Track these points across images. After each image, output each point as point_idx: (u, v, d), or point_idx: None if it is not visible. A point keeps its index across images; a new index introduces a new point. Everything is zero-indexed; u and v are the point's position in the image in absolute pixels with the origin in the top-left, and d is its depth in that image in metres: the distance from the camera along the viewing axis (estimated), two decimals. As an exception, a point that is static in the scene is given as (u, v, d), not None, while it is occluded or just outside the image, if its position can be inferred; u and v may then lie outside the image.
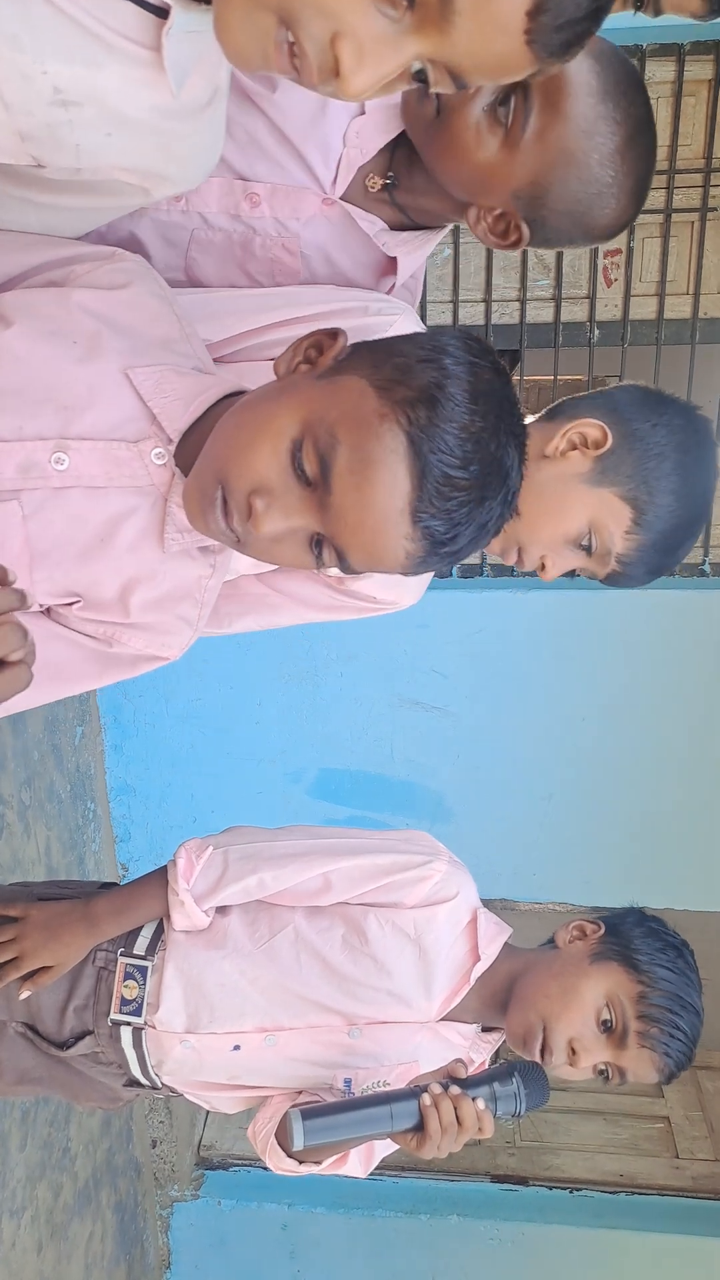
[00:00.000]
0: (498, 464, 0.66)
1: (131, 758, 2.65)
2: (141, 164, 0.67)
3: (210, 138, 0.70)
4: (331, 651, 2.55)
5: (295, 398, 0.68)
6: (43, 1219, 2.25)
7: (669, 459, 0.92)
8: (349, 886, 1.02)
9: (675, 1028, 0.98)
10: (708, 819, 2.53)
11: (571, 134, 0.81)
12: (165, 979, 1.03)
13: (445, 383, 0.64)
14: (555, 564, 0.97)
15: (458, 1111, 0.88)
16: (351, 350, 0.69)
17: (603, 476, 0.93)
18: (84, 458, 0.72)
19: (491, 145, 0.83)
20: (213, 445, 0.70)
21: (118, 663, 0.78)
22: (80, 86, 0.61)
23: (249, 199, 0.92)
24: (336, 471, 0.64)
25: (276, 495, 0.66)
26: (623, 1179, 3.03)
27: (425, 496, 0.64)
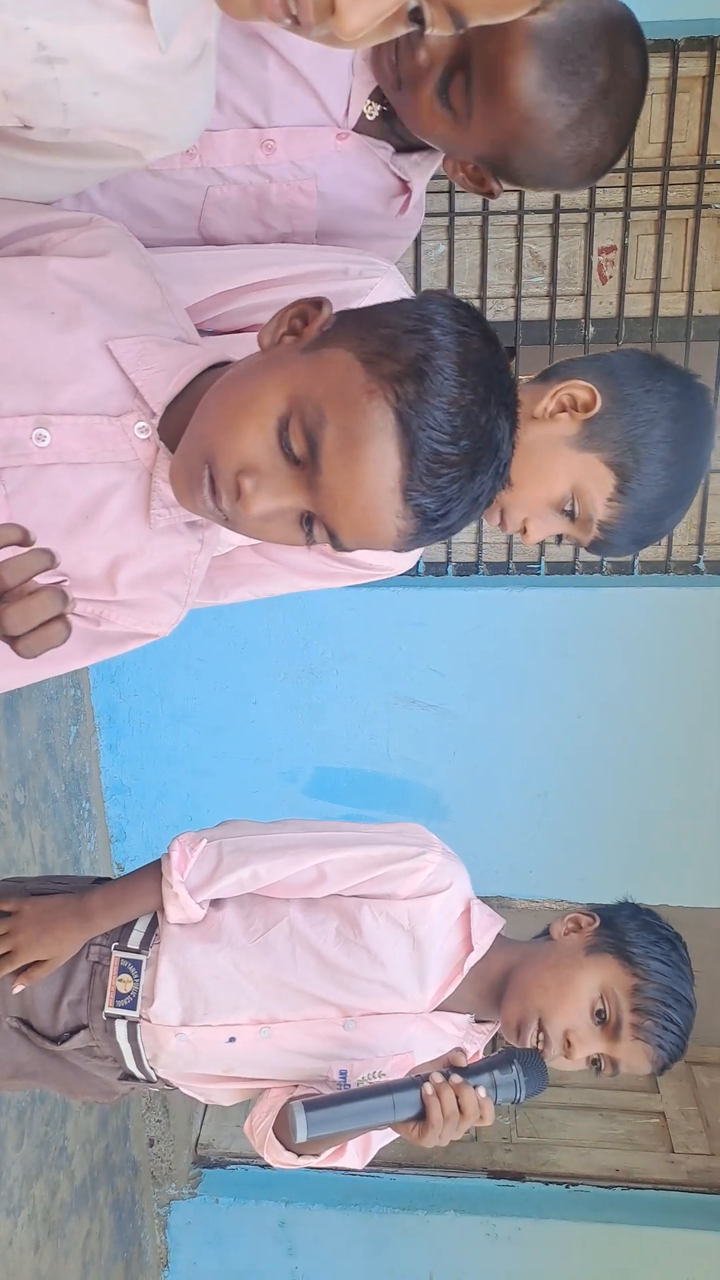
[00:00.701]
0: (489, 437, 0.64)
1: (127, 757, 2.65)
2: (130, 124, 0.66)
3: (200, 96, 0.69)
4: (328, 650, 2.55)
5: (281, 373, 0.66)
6: (40, 1217, 2.25)
7: (659, 426, 0.89)
8: (343, 878, 1.02)
9: (669, 1020, 0.98)
10: (703, 816, 2.53)
11: (516, 120, 0.80)
12: (160, 972, 1.03)
13: (433, 355, 0.62)
14: (537, 527, 0.94)
15: (459, 1100, 0.89)
16: (337, 320, 0.67)
17: (589, 441, 0.90)
18: (65, 433, 0.70)
19: (445, 122, 0.83)
20: (198, 423, 0.68)
21: (106, 641, 0.77)
22: (65, 42, 0.59)
23: (264, 147, 0.90)
24: (325, 450, 0.63)
25: (265, 475, 0.65)
26: (619, 1174, 3.04)
27: (416, 474, 0.62)
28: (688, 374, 0.94)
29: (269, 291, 0.92)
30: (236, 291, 0.92)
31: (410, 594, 2.51)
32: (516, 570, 2.52)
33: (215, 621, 2.53)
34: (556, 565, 2.52)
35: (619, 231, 2.32)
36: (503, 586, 2.48)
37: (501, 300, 2.40)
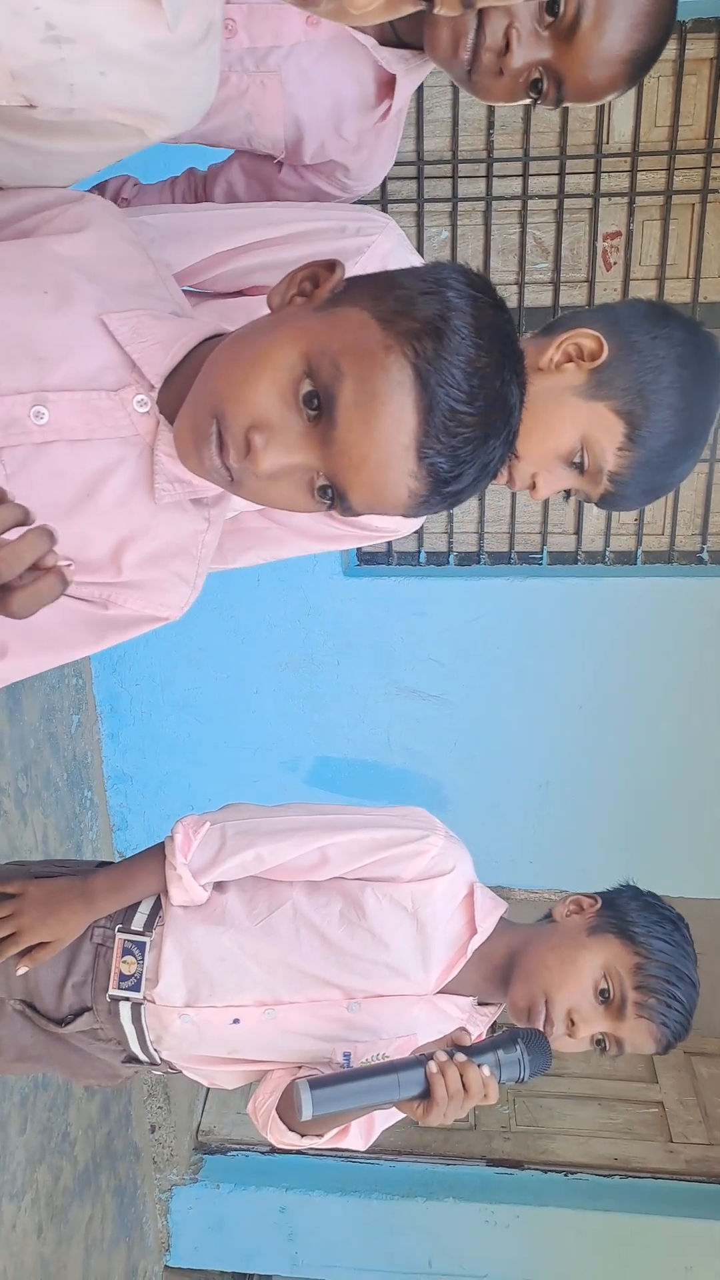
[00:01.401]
0: (502, 401, 0.64)
1: (128, 746, 2.65)
2: (136, 103, 0.65)
3: (205, 75, 0.68)
4: (329, 640, 2.55)
5: (294, 329, 0.65)
6: (43, 1202, 2.26)
7: (668, 373, 0.88)
8: (346, 861, 1.02)
9: (672, 998, 0.98)
10: (703, 806, 2.53)
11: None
12: (164, 954, 1.03)
13: (450, 315, 0.62)
14: (547, 482, 0.92)
15: (464, 1078, 0.89)
16: (349, 283, 0.67)
17: (597, 389, 0.88)
18: (63, 410, 0.69)
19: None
20: (206, 379, 0.66)
21: (115, 625, 0.75)
22: (73, 22, 0.59)
23: (224, 27, 0.84)
24: (341, 405, 0.61)
25: (276, 430, 0.63)
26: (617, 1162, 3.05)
27: (432, 432, 0.61)
28: (693, 321, 0.92)
29: (266, 251, 0.89)
30: (233, 252, 0.89)
31: (411, 583, 2.50)
32: (518, 560, 2.51)
33: (216, 611, 2.53)
34: (559, 555, 2.51)
35: (624, 217, 2.30)
36: (504, 576, 2.48)
37: (505, 287, 2.38)
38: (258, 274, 0.91)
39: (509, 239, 2.36)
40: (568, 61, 0.82)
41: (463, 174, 2.30)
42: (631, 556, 2.49)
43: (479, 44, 0.81)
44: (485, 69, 0.83)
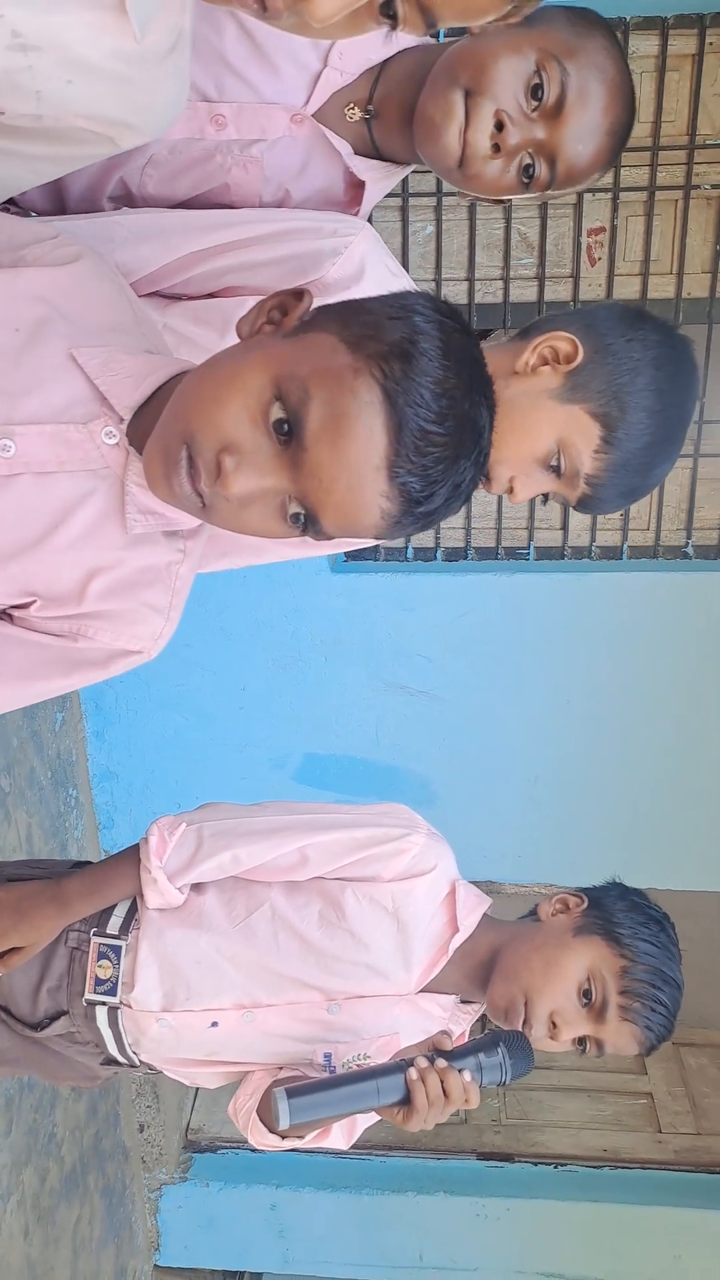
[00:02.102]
0: (471, 422, 0.64)
1: (114, 744, 2.63)
2: (104, 112, 0.65)
3: (175, 86, 0.68)
4: (316, 636, 2.54)
5: (263, 354, 0.65)
6: (29, 1204, 2.25)
7: (643, 375, 0.88)
8: (326, 861, 1.01)
9: (657, 1001, 0.98)
10: (692, 800, 2.55)
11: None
12: (140, 958, 1.02)
13: (417, 338, 0.63)
14: (524, 485, 0.92)
15: (444, 1084, 0.88)
16: (317, 311, 0.68)
17: (573, 393, 0.89)
18: (31, 442, 0.69)
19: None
20: (176, 404, 0.67)
21: (87, 663, 0.75)
22: (40, 30, 0.59)
23: (214, 121, 0.89)
24: (310, 428, 0.62)
25: (247, 453, 0.63)
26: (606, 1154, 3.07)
27: (403, 452, 0.62)
28: (668, 324, 0.93)
29: (241, 252, 0.90)
30: (206, 252, 0.90)
31: (399, 579, 2.50)
32: (505, 555, 2.52)
33: (203, 608, 2.51)
34: (545, 550, 2.52)
35: (608, 213, 2.30)
36: (491, 571, 2.48)
37: (490, 282, 2.38)
38: (231, 275, 0.91)
39: (493, 234, 2.35)
40: (557, 139, 0.86)
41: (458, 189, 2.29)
42: (617, 552, 2.50)
43: (469, 128, 0.85)
44: (479, 152, 0.86)
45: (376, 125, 0.91)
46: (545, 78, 0.84)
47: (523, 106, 0.85)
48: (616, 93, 0.87)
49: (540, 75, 0.84)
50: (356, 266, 0.90)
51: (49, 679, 0.75)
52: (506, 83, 0.84)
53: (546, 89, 0.84)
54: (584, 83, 0.85)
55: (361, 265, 0.90)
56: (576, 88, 0.84)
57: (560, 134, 0.86)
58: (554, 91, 0.84)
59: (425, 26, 0.55)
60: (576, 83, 0.84)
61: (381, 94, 0.90)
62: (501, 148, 0.86)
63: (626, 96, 0.88)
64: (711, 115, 2.23)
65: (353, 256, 0.90)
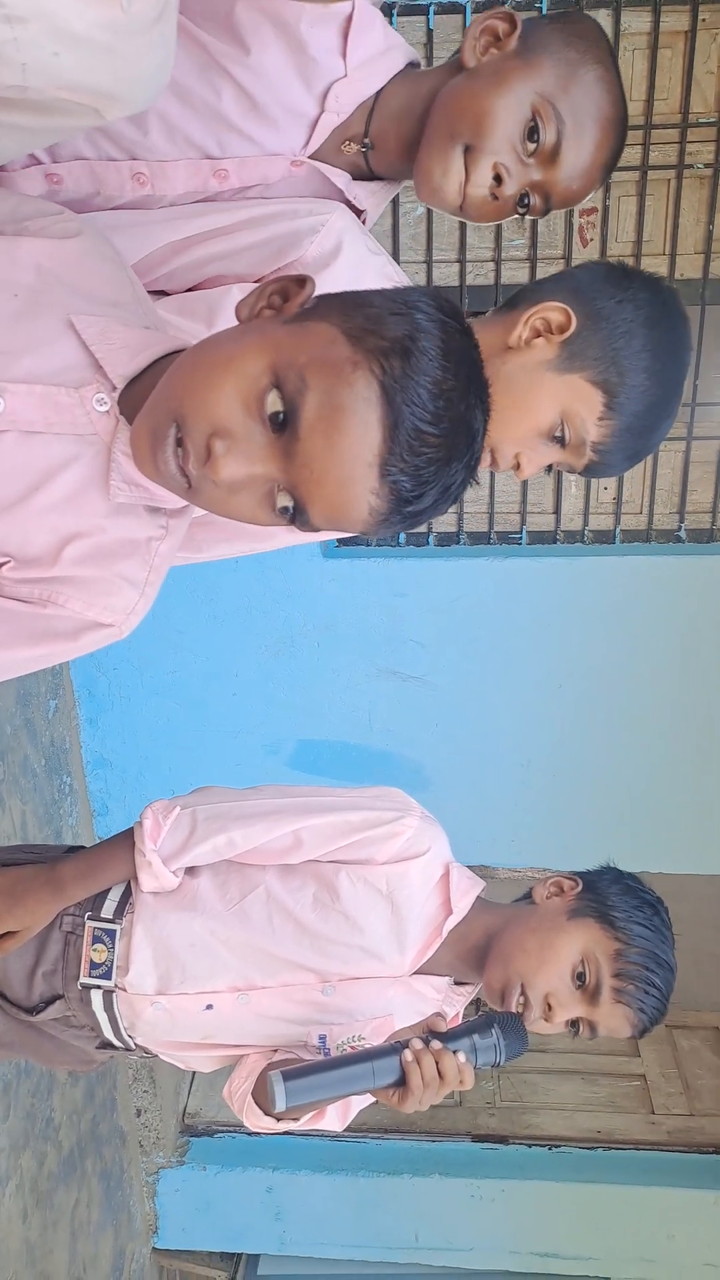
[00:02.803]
0: (466, 425, 0.64)
1: (107, 731, 2.63)
2: (90, 83, 0.64)
3: (161, 55, 0.68)
4: (309, 622, 2.54)
5: (261, 338, 0.64)
6: (27, 1188, 2.26)
7: (638, 336, 0.88)
8: (320, 844, 1.01)
9: (650, 984, 0.98)
10: (684, 783, 2.55)
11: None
12: (134, 941, 1.02)
13: (418, 336, 0.62)
14: (531, 460, 0.92)
15: (439, 1065, 0.88)
16: (319, 299, 0.67)
17: (570, 362, 0.89)
18: (21, 400, 0.68)
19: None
20: (169, 382, 0.66)
21: (56, 633, 0.73)
22: (27, 2, 0.58)
23: (217, 176, 0.91)
24: (305, 418, 0.61)
25: (238, 439, 0.63)
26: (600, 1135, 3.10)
27: (396, 450, 0.62)
28: (655, 278, 0.92)
29: (221, 240, 0.90)
30: (186, 241, 0.90)
31: (391, 565, 2.49)
32: (498, 540, 2.51)
33: (195, 594, 2.51)
34: (538, 534, 2.51)
35: (600, 193, 2.28)
36: (484, 556, 2.47)
37: (481, 264, 2.36)
38: (214, 264, 0.92)
39: (485, 215, 2.34)
40: (553, 178, 0.89)
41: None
42: (610, 535, 2.49)
43: (468, 183, 0.88)
44: (478, 201, 0.90)
45: (373, 155, 0.93)
46: (541, 123, 0.86)
47: (519, 153, 0.88)
48: (610, 128, 0.88)
49: (536, 120, 0.86)
50: (334, 243, 0.91)
51: (15, 648, 0.73)
52: (504, 134, 0.86)
53: (543, 134, 0.86)
54: (579, 125, 0.87)
55: (339, 241, 0.91)
56: (572, 131, 0.87)
57: (556, 174, 0.88)
58: (550, 138, 0.86)
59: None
60: (572, 126, 0.86)
61: (376, 128, 0.92)
62: (499, 197, 0.89)
63: (620, 125, 0.89)
64: (704, 93, 2.21)
65: (330, 233, 0.90)
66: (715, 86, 2.20)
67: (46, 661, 0.75)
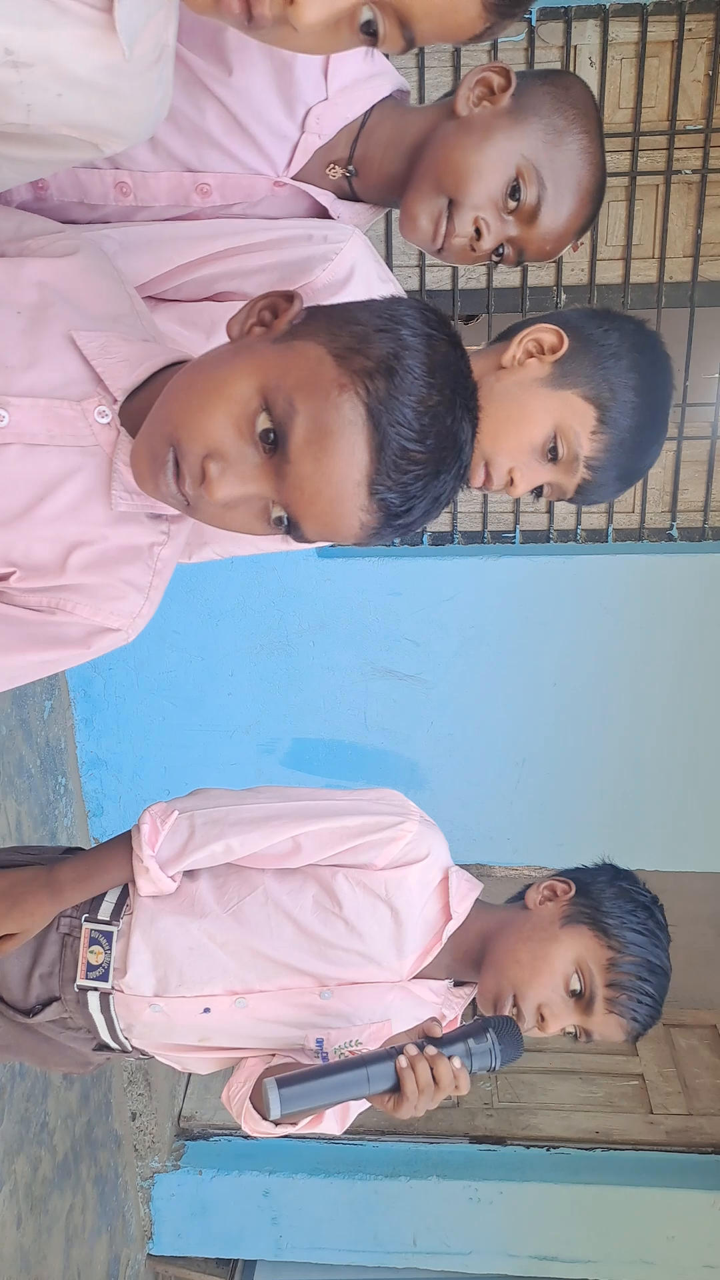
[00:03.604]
0: (453, 438, 0.66)
1: (102, 731, 2.63)
2: (91, 121, 0.67)
3: (159, 95, 0.70)
4: (304, 621, 2.54)
5: (251, 361, 0.66)
6: (21, 1193, 2.24)
7: (625, 358, 0.92)
8: (319, 849, 1.01)
9: (643, 993, 0.98)
10: (679, 781, 2.56)
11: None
12: (132, 944, 1.01)
13: (403, 354, 0.64)
14: (524, 477, 0.94)
15: (434, 1071, 0.88)
16: (307, 314, 0.68)
17: (563, 379, 0.92)
18: (25, 414, 0.70)
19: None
20: (164, 406, 0.68)
21: (66, 640, 0.75)
22: (31, 47, 0.60)
23: (199, 190, 0.91)
24: (295, 441, 0.63)
25: (231, 460, 0.65)
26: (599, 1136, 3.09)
27: (383, 469, 0.64)
28: (637, 319, 0.98)
29: (231, 260, 0.92)
30: (197, 262, 0.92)
31: (385, 564, 2.50)
32: (491, 539, 2.53)
33: (190, 594, 2.51)
34: (531, 534, 2.53)
35: (590, 197, 2.32)
36: (478, 556, 2.49)
37: (473, 267, 2.39)
38: (222, 282, 0.93)
39: (477, 219, 2.36)
40: (529, 236, 0.93)
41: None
42: (603, 535, 2.51)
43: (450, 232, 0.91)
44: (456, 251, 0.93)
45: (356, 182, 0.94)
46: (523, 184, 0.89)
47: (500, 209, 0.91)
48: (588, 197, 0.92)
49: (519, 181, 0.90)
50: (345, 272, 0.92)
51: (24, 652, 0.75)
52: (487, 191, 0.89)
53: (524, 194, 0.90)
54: (559, 190, 0.90)
55: (350, 271, 0.92)
56: (552, 195, 0.90)
57: (532, 232, 0.92)
58: (530, 200, 0.90)
59: (404, 44, 0.57)
60: (552, 191, 0.90)
61: (361, 154, 0.93)
62: (476, 249, 0.92)
63: (596, 195, 0.93)
64: (691, 101, 2.24)
65: (342, 263, 0.92)
66: (702, 94, 2.24)
67: (56, 667, 0.77)
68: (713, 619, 2.46)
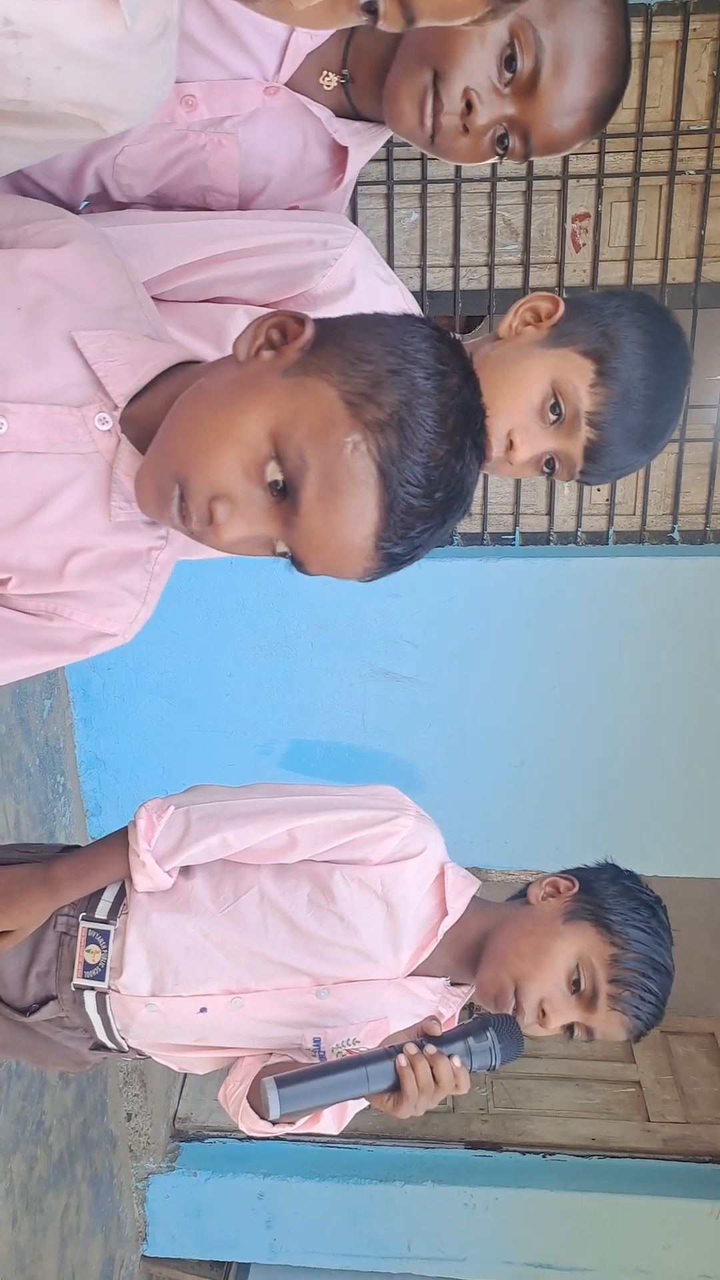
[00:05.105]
0: (461, 483, 0.66)
1: (101, 731, 2.63)
2: (91, 98, 0.66)
3: (161, 72, 0.69)
4: (302, 622, 2.54)
5: (261, 400, 0.65)
6: (17, 1192, 2.24)
7: (626, 315, 0.89)
8: (314, 844, 1.01)
9: (646, 990, 0.97)
10: (678, 785, 2.55)
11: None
12: (128, 943, 1.01)
13: (415, 403, 0.63)
14: (525, 440, 0.90)
15: (434, 1070, 0.87)
16: (316, 341, 0.66)
17: (560, 339, 0.90)
18: (23, 421, 0.69)
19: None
20: (171, 439, 0.67)
21: (62, 644, 0.75)
22: (30, 18, 0.59)
23: (184, 103, 0.87)
24: (305, 495, 0.63)
25: (240, 504, 0.65)
26: (595, 1143, 3.07)
27: (391, 525, 0.64)
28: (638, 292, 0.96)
29: (232, 263, 0.89)
30: (197, 264, 0.89)
31: (385, 566, 2.49)
32: (491, 541, 2.52)
33: (189, 594, 2.51)
34: (531, 536, 2.52)
35: (593, 199, 2.31)
36: (477, 557, 2.48)
37: (475, 269, 2.38)
38: (222, 285, 0.91)
39: (478, 221, 2.36)
40: (532, 115, 0.81)
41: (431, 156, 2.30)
42: (603, 537, 2.50)
43: (438, 109, 0.81)
44: (449, 132, 0.83)
45: (353, 89, 0.89)
46: (518, 49, 0.77)
47: (494, 81, 0.80)
48: (600, 64, 0.80)
49: (514, 45, 0.78)
50: (347, 278, 0.89)
51: (20, 656, 0.75)
52: (477, 57, 0.79)
53: (520, 61, 0.78)
54: (561, 54, 0.78)
55: (352, 277, 0.90)
56: (552, 60, 0.78)
57: (534, 110, 0.81)
58: (527, 64, 0.78)
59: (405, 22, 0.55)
60: (553, 54, 0.78)
61: (354, 55, 0.87)
62: (470, 128, 0.82)
63: (613, 65, 0.81)
64: (695, 101, 2.24)
65: (343, 268, 0.89)
66: (706, 94, 2.23)
67: (51, 666, 0.77)
68: (714, 622, 2.45)
